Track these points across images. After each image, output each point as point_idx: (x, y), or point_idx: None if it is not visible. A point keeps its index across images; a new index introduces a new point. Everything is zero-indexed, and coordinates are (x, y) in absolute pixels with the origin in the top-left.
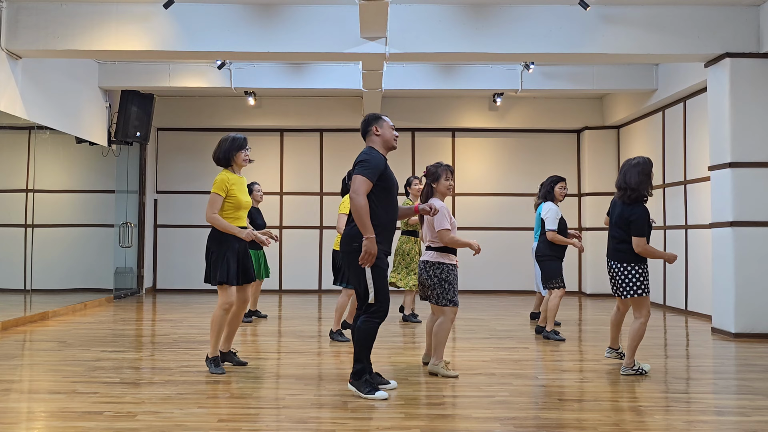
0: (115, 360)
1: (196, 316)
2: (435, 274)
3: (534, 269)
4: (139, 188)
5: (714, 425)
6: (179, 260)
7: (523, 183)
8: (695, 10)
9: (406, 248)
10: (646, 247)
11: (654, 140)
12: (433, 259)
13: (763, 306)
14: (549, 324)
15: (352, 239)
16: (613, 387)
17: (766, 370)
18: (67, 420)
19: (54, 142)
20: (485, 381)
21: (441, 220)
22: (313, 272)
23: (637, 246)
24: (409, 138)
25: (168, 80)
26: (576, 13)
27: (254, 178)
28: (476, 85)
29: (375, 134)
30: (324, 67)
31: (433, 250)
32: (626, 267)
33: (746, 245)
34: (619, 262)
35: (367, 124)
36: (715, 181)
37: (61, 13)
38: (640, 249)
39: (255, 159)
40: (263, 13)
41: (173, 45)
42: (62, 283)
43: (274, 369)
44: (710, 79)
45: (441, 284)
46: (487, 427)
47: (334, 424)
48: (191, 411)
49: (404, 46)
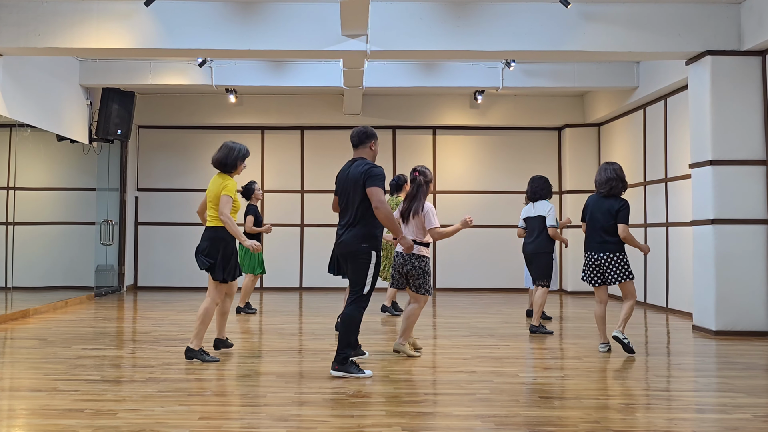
0: (96, 358)
1: (177, 314)
2: (419, 265)
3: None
4: (120, 186)
5: (695, 423)
6: (160, 258)
7: (504, 181)
8: (676, 8)
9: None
10: (630, 233)
11: (635, 138)
12: (418, 252)
13: (744, 304)
14: (536, 318)
15: (362, 240)
16: (595, 384)
17: (746, 367)
18: (48, 418)
19: (35, 140)
20: (466, 378)
21: (431, 220)
22: (294, 270)
23: (623, 231)
24: (390, 136)
25: (149, 78)
26: (557, 10)
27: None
28: (457, 83)
29: (371, 149)
30: (305, 65)
31: (417, 244)
32: (618, 256)
33: (727, 243)
34: (612, 252)
35: (366, 137)
36: (696, 179)
37: (42, 10)
38: (625, 234)
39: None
40: (244, 11)
41: (154, 42)
42: (43, 280)
43: (254, 366)
44: (691, 76)
45: (423, 275)
46: (468, 425)
47: (314, 421)
48: (172, 408)
49: (385, 44)
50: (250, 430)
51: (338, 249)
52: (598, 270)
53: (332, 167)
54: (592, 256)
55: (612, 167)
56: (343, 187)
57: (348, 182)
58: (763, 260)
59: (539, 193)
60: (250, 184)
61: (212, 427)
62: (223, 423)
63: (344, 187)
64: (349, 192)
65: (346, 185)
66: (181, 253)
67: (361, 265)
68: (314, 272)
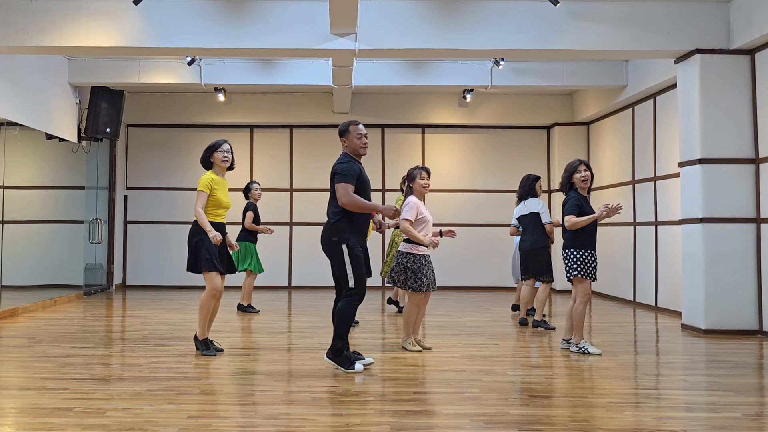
0: (85, 356)
1: (166, 312)
2: (402, 262)
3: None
4: (109, 184)
5: (684, 421)
6: (149, 256)
7: (493, 179)
8: (665, 7)
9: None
10: None
11: (624, 136)
12: (404, 249)
13: (733, 302)
14: (538, 313)
15: (332, 233)
16: (584, 383)
17: (735, 366)
18: (37, 416)
19: (24, 139)
20: (455, 377)
21: (404, 212)
22: (283, 268)
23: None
24: (379, 134)
25: (138, 76)
26: (546, 9)
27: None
28: (446, 82)
29: (344, 145)
30: (294, 64)
31: (404, 241)
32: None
33: (716, 241)
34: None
35: (340, 135)
36: (685, 178)
37: (31, 9)
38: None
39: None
40: (233, 10)
41: (143, 41)
42: (32, 279)
43: (244, 365)
44: (680, 75)
45: (405, 271)
46: (457, 423)
47: (303, 420)
48: (161, 407)
49: (374, 43)
50: (239, 428)
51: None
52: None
53: (321, 166)
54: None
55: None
56: None
57: None
58: (751, 259)
59: (529, 192)
60: (250, 184)
61: (201, 426)
62: (212, 422)
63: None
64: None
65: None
66: (170, 251)
67: (336, 259)
68: (303, 271)
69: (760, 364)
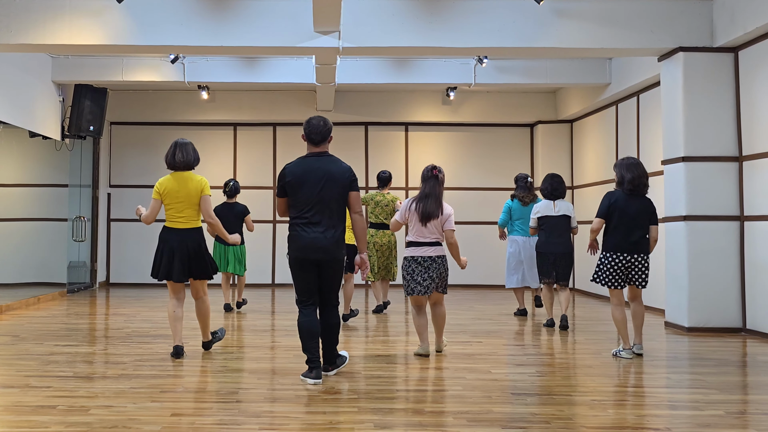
0: (68, 354)
1: (150, 311)
2: (403, 266)
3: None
4: (92, 182)
5: (667, 419)
6: (132, 254)
7: (477, 177)
8: (648, 4)
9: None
10: None
11: (607, 134)
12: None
13: (716, 300)
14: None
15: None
16: (567, 381)
17: (719, 364)
18: (21, 414)
19: (7, 137)
20: (438, 375)
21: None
22: (266, 266)
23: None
24: (362, 132)
25: (121, 74)
26: (529, 7)
27: (207, 171)
28: (430, 79)
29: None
30: (277, 62)
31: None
32: (648, 258)
33: (699, 239)
34: (647, 254)
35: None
36: (669, 176)
37: (14, 7)
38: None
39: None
40: (216, 7)
41: (127, 39)
42: (15, 277)
43: (227, 363)
44: (663, 73)
45: (403, 276)
46: (440, 421)
47: (287, 418)
48: (145, 405)
49: (357, 40)
50: (223, 426)
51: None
52: (623, 271)
53: None
54: (623, 257)
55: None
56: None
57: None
58: (735, 257)
59: (561, 192)
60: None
61: (185, 424)
62: (195, 419)
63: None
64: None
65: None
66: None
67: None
68: (287, 269)
69: (743, 362)
